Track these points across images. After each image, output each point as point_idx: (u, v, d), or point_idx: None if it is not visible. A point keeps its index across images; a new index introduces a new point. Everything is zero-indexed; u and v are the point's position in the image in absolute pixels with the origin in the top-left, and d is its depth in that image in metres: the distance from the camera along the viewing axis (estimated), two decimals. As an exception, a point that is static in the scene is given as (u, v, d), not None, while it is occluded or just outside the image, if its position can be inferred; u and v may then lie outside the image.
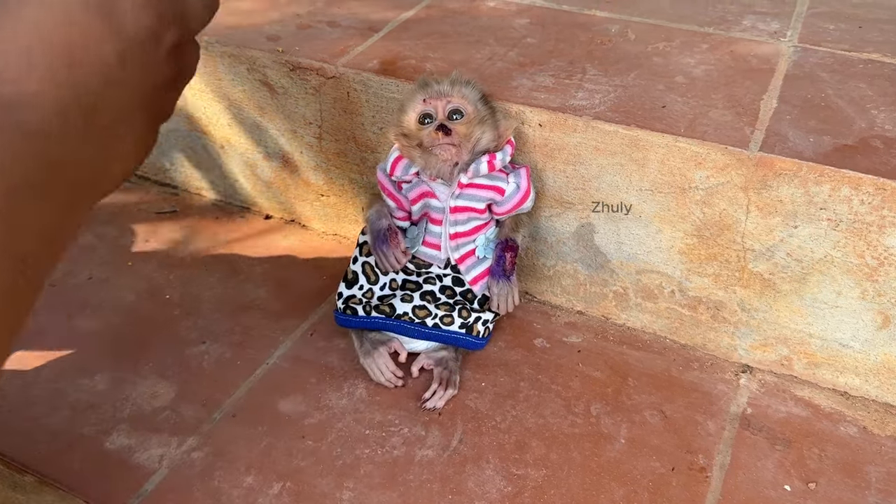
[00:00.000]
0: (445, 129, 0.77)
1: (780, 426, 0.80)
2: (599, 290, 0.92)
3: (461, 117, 0.79)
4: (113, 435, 0.78)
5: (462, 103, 0.79)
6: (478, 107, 0.80)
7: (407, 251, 0.83)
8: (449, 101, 0.79)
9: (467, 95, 0.80)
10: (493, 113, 0.81)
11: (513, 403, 0.82)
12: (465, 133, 0.78)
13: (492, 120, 0.80)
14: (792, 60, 0.93)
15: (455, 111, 0.79)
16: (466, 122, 0.78)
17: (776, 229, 0.79)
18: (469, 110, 0.79)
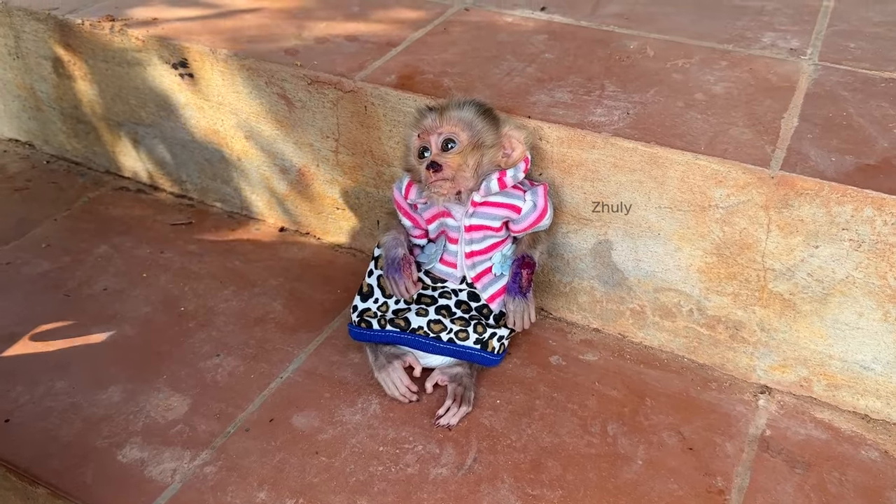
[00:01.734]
0: (435, 167, 0.77)
1: (799, 449, 0.79)
2: (616, 308, 0.91)
3: (455, 145, 0.78)
4: (126, 448, 0.78)
5: (454, 131, 0.78)
6: (474, 129, 0.79)
7: (418, 282, 0.83)
8: (440, 133, 0.79)
9: (463, 119, 0.79)
10: (497, 127, 0.80)
11: (528, 422, 0.81)
12: (459, 163, 0.78)
13: (493, 135, 0.79)
14: (812, 79, 0.92)
15: (448, 141, 0.78)
16: (459, 150, 0.78)
17: (797, 249, 0.78)
18: (463, 137, 0.78)
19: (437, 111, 0.80)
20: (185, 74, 1.05)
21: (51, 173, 1.24)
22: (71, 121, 1.22)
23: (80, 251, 1.06)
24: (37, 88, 1.22)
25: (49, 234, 1.10)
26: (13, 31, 1.18)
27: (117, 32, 1.07)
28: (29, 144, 1.31)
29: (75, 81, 1.17)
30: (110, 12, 1.11)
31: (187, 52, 1.03)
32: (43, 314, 0.95)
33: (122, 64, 1.10)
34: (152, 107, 1.11)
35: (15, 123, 1.31)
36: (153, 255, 1.06)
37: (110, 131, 1.19)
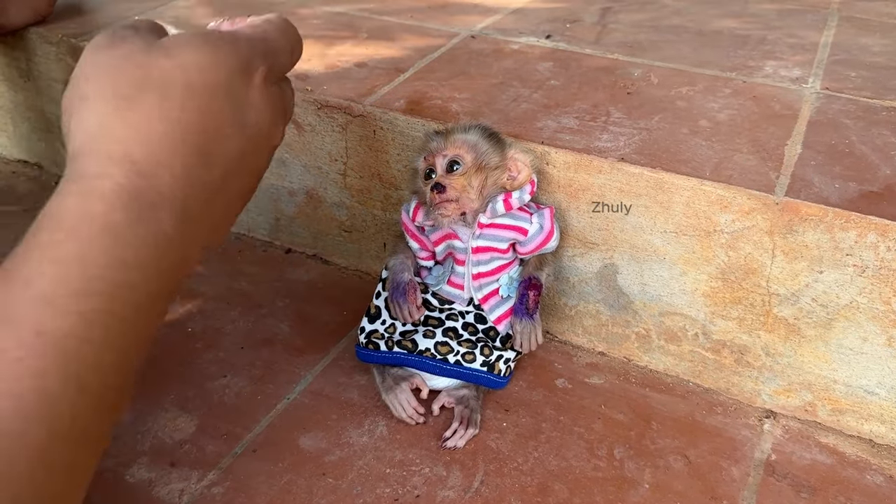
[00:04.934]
0: (440, 188, 0.78)
1: (804, 473, 0.79)
2: (622, 332, 0.91)
3: (459, 167, 0.79)
4: (133, 468, 0.78)
5: (459, 153, 0.79)
6: (479, 151, 0.80)
7: (421, 308, 0.84)
8: (445, 155, 0.80)
9: (467, 142, 0.80)
10: (502, 149, 0.81)
11: (535, 445, 0.82)
12: (464, 184, 0.79)
13: (498, 157, 0.80)
14: (815, 107, 0.94)
15: (453, 163, 0.80)
16: (463, 171, 0.79)
17: (801, 274, 0.78)
18: (467, 159, 0.79)
19: (442, 135, 0.82)
20: (196, 98, 1.06)
21: (59, 194, 1.25)
22: (80, 142, 1.24)
23: (88, 271, 1.07)
24: (47, 110, 1.24)
25: (57, 254, 1.11)
26: (25, 54, 1.20)
27: (129, 56, 1.09)
28: (38, 165, 1.32)
29: (86, 104, 1.18)
30: (122, 36, 1.13)
31: (198, 76, 1.04)
32: (51, 334, 0.96)
33: (134, 87, 1.11)
34: (162, 129, 1.13)
35: (24, 145, 1.32)
36: (161, 275, 1.06)
37: (119, 153, 1.20)
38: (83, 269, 0.35)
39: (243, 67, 0.43)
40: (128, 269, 0.36)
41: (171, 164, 0.39)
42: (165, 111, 0.39)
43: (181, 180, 0.39)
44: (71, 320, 0.34)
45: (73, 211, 0.36)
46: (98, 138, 0.38)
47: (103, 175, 0.37)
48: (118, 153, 0.38)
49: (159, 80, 0.40)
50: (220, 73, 0.42)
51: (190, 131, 0.40)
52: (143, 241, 0.37)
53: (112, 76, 0.40)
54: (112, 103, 0.39)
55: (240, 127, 0.42)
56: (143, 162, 0.38)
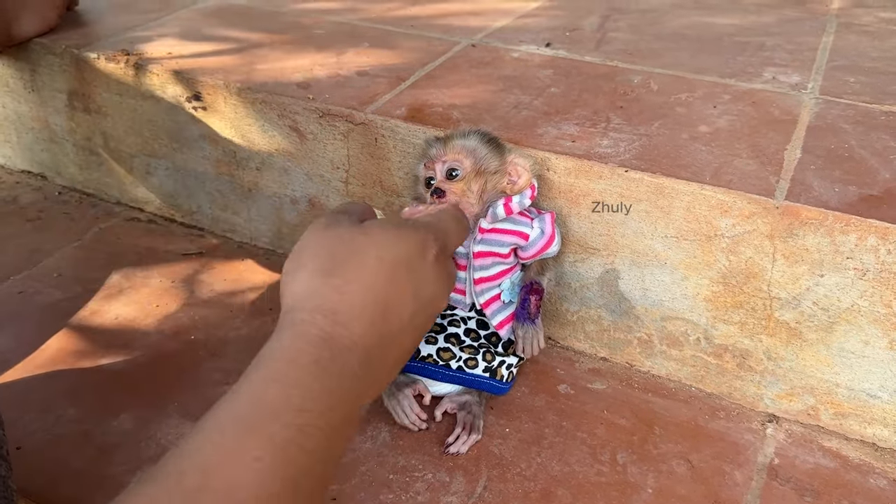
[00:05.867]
0: (439, 192, 0.78)
1: (808, 477, 0.79)
2: (624, 337, 0.92)
3: (458, 173, 0.80)
4: (138, 475, 0.78)
5: (458, 159, 0.80)
6: (477, 156, 0.80)
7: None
8: (444, 162, 0.80)
9: (466, 147, 0.80)
10: (501, 154, 0.81)
11: (538, 450, 0.82)
12: (463, 189, 0.79)
13: (497, 162, 0.81)
14: (814, 112, 0.94)
15: (452, 169, 0.80)
16: (462, 177, 0.79)
17: (802, 278, 0.79)
18: (466, 165, 0.80)
19: (441, 141, 0.82)
20: (199, 107, 1.07)
21: (63, 204, 1.26)
22: (83, 153, 1.24)
23: (92, 280, 1.08)
24: (50, 121, 1.25)
25: (61, 264, 1.11)
26: (29, 65, 1.21)
27: (132, 66, 1.10)
28: (41, 176, 1.33)
29: (89, 114, 1.19)
30: (125, 47, 1.14)
31: (201, 86, 1.05)
32: (54, 343, 0.96)
33: (136, 97, 1.12)
34: (165, 139, 1.14)
35: (28, 155, 1.33)
36: (164, 284, 1.07)
37: (122, 163, 1.21)
38: (301, 391, 0.45)
39: (421, 248, 0.55)
40: (330, 394, 0.46)
41: (361, 319, 0.49)
42: (361, 278, 0.51)
43: (367, 332, 0.49)
44: (292, 431, 0.43)
45: (290, 347, 0.47)
46: (310, 296, 0.50)
47: (312, 323, 0.48)
48: (323, 307, 0.49)
49: (358, 254, 0.52)
50: (403, 251, 0.53)
51: (377, 295, 0.51)
52: (340, 374, 0.47)
53: (324, 251, 0.53)
54: (321, 270, 0.51)
55: (415, 294, 0.53)
56: (342, 315, 0.49)
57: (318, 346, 0.47)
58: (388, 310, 0.51)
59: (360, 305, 0.50)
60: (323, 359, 0.47)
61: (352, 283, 0.50)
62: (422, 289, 0.55)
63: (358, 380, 0.48)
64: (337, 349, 0.47)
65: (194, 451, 0.42)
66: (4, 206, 1.26)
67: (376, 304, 0.51)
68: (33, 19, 1.17)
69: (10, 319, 1.00)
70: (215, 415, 0.44)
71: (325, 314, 0.48)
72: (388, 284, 0.52)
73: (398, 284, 0.52)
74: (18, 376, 0.91)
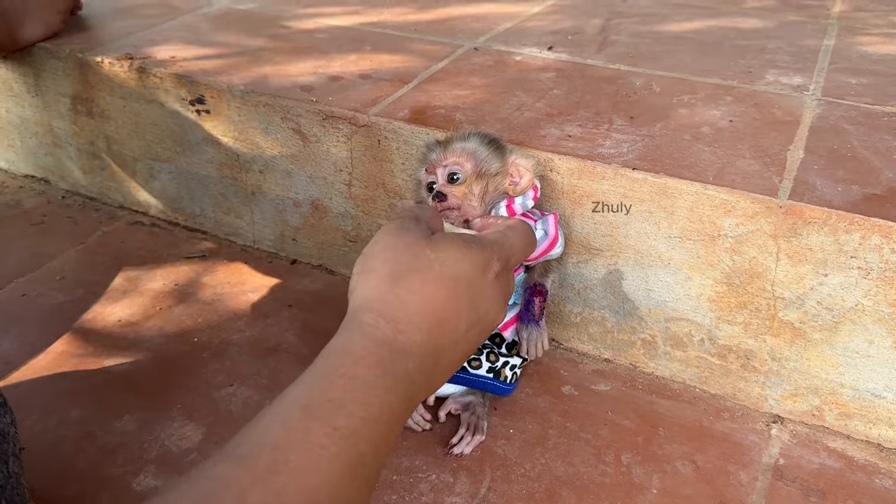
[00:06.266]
0: (441, 197, 0.78)
1: (813, 478, 0.79)
2: (627, 338, 0.91)
3: (460, 176, 0.80)
4: (141, 476, 0.78)
5: (459, 162, 0.80)
6: (478, 158, 0.80)
7: None
8: (445, 166, 0.80)
9: (466, 150, 0.80)
10: (503, 155, 0.81)
11: (542, 451, 0.81)
12: (465, 192, 0.79)
13: (499, 163, 0.80)
14: (816, 113, 0.95)
15: (453, 172, 0.80)
16: (464, 181, 0.79)
17: (806, 277, 0.79)
18: (467, 168, 0.79)
19: (442, 145, 0.82)
20: (203, 111, 1.07)
21: (66, 208, 1.26)
22: (87, 157, 1.25)
23: (95, 283, 1.08)
24: (54, 125, 1.25)
25: (64, 266, 1.12)
26: (33, 69, 1.21)
27: (135, 70, 1.10)
28: (45, 181, 1.33)
29: (93, 118, 1.19)
30: (129, 51, 1.14)
31: (204, 89, 1.05)
32: (57, 345, 0.96)
33: (140, 101, 1.12)
34: (169, 142, 1.14)
35: (31, 160, 1.33)
36: (167, 287, 1.07)
37: (126, 167, 1.21)
38: (365, 386, 0.48)
39: (483, 268, 0.58)
40: (389, 392, 0.49)
41: (420, 329, 0.53)
42: (423, 290, 0.54)
43: (424, 341, 0.53)
44: (356, 422, 0.46)
45: (357, 346, 0.50)
46: (376, 301, 0.54)
47: (377, 327, 0.52)
48: (387, 314, 0.52)
49: (423, 267, 0.55)
50: (465, 270, 0.57)
51: (436, 308, 0.54)
52: (397, 376, 0.50)
53: (393, 259, 0.56)
54: (388, 279, 0.54)
55: (472, 309, 0.57)
56: (403, 323, 0.52)
57: (381, 348, 0.51)
58: (444, 322, 0.55)
59: (418, 316, 0.53)
60: (385, 360, 0.50)
61: (414, 295, 0.54)
62: (479, 305, 0.58)
63: (412, 382, 0.52)
64: (397, 353, 0.51)
65: (264, 434, 0.45)
66: (7, 210, 1.26)
67: (433, 316, 0.54)
68: (37, 24, 1.18)
69: (13, 322, 1.00)
70: (283, 402, 0.47)
71: (388, 320, 0.52)
72: (447, 300, 0.55)
73: (457, 300, 0.56)
74: (22, 378, 0.91)
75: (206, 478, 0.43)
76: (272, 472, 0.43)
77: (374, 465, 0.48)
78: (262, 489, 0.42)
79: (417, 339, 0.53)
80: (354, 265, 0.59)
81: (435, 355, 0.55)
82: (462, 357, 0.60)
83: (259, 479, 0.43)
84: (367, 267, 0.57)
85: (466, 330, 0.57)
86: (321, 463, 0.44)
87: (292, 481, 0.43)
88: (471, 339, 0.59)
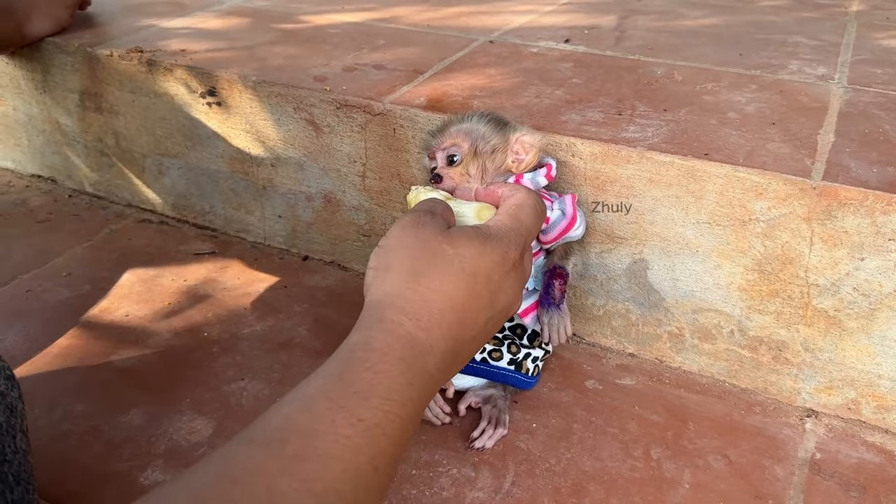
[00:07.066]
0: (437, 179, 0.76)
1: (852, 472, 0.75)
2: (653, 331, 0.88)
3: (458, 157, 0.77)
4: (148, 470, 0.75)
5: (456, 143, 0.77)
6: (473, 136, 0.77)
7: None
8: (444, 149, 0.77)
9: (462, 130, 0.77)
10: (503, 132, 0.78)
11: (567, 445, 0.78)
12: (461, 173, 0.76)
13: (498, 140, 0.77)
14: (844, 99, 0.92)
15: (451, 155, 0.77)
16: (459, 162, 0.76)
17: (841, 262, 0.76)
18: (465, 148, 0.76)
19: (440, 129, 0.79)
20: (213, 103, 1.05)
21: (73, 206, 1.24)
22: (95, 154, 1.22)
23: (102, 279, 1.05)
24: (62, 123, 1.23)
25: (70, 263, 1.09)
26: (41, 65, 1.19)
27: (145, 63, 1.08)
28: (51, 180, 1.31)
29: (101, 114, 1.17)
30: (139, 44, 1.12)
31: (216, 81, 1.03)
32: (63, 340, 0.93)
33: (150, 95, 1.10)
34: (179, 137, 1.11)
35: (38, 159, 1.31)
36: (176, 283, 1.04)
37: (134, 164, 1.19)
38: (388, 381, 0.49)
39: (502, 260, 0.58)
40: (410, 387, 0.49)
41: (441, 326, 0.53)
42: (443, 286, 0.54)
43: (445, 337, 0.53)
44: (379, 415, 0.47)
45: (380, 341, 0.51)
46: (395, 297, 0.53)
47: (398, 323, 0.52)
48: (408, 310, 0.53)
49: (442, 263, 0.55)
50: (485, 265, 0.57)
51: (457, 303, 0.54)
52: (418, 372, 0.51)
53: (410, 254, 0.56)
54: (407, 276, 0.54)
55: (490, 305, 0.57)
56: (424, 320, 0.52)
57: (404, 345, 0.51)
58: (464, 318, 0.55)
59: (440, 314, 0.53)
60: (407, 356, 0.50)
61: (435, 293, 0.54)
62: (498, 298, 0.58)
63: (431, 377, 0.52)
64: (418, 350, 0.51)
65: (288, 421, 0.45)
66: (13, 208, 1.23)
67: (454, 313, 0.54)
68: (45, 20, 1.16)
69: (17, 317, 0.97)
70: (305, 392, 0.47)
71: (409, 317, 0.52)
72: (468, 297, 0.55)
73: (478, 296, 0.56)
74: (25, 373, 0.87)
75: (232, 462, 0.43)
76: (300, 459, 0.43)
77: (393, 459, 0.48)
78: (290, 476, 0.42)
79: (438, 336, 0.53)
80: (369, 260, 0.58)
81: (454, 351, 0.54)
82: (478, 348, 0.60)
83: (287, 466, 0.43)
84: (385, 263, 0.57)
85: (485, 323, 0.57)
86: (346, 453, 0.45)
87: (318, 469, 0.43)
88: (489, 330, 0.59)
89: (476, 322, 0.56)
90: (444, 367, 0.54)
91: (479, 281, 0.56)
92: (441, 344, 0.53)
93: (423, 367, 0.51)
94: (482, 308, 0.56)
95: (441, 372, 0.54)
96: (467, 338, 0.56)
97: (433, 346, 0.52)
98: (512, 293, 0.60)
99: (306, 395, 0.47)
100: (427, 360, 0.52)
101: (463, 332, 0.55)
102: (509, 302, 0.60)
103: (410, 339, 0.51)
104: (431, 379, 0.52)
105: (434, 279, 0.54)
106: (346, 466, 0.44)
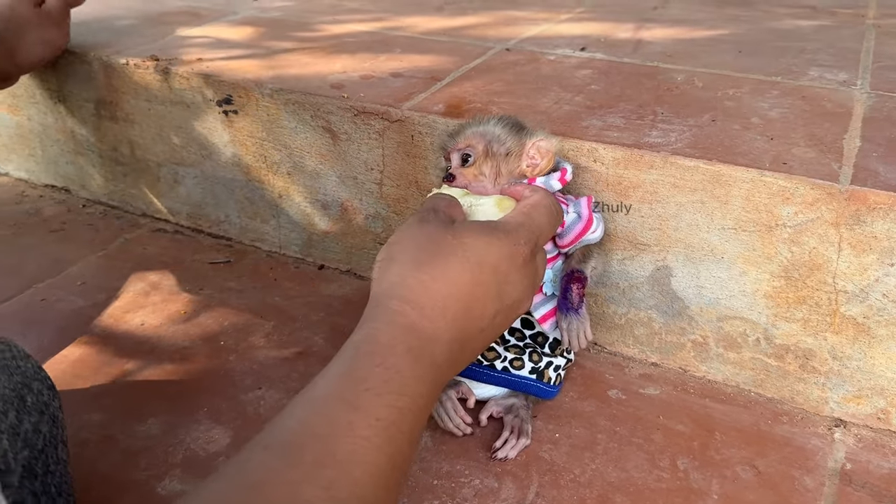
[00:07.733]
0: (450, 178, 0.75)
1: (884, 483, 0.73)
2: (676, 340, 0.87)
3: (472, 158, 0.76)
4: (166, 480, 0.73)
5: (471, 144, 0.76)
6: (487, 138, 0.76)
7: None
8: (459, 150, 0.77)
9: (477, 132, 0.77)
10: (519, 136, 0.77)
11: (591, 456, 0.76)
12: (474, 173, 0.75)
13: (513, 143, 0.76)
14: (868, 105, 0.91)
15: (465, 156, 0.76)
16: (472, 162, 0.75)
17: (871, 268, 0.74)
18: (479, 149, 0.76)
19: (457, 130, 0.79)
20: (230, 111, 1.04)
21: (87, 216, 1.23)
22: (109, 163, 1.22)
23: (116, 289, 1.04)
24: (76, 132, 1.23)
25: (84, 272, 1.08)
26: (56, 76, 1.19)
27: (161, 72, 1.08)
28: (65, 189, 1.31)
29: (116, 123, 1.17)
30: (155, 53, 1.12)
31: (232, 88, 1.03)
32: (77, 349, 0.92)
33: (166, 103, 1.10)
34: (194, 146, 1.11)
35: (52, 169, 1.31)
36: (191, 292, 1.03)
37: (149, 173, 1.18)
38: (398, 376, 0.47)
39: (510, 253, 0.57)
40: (420, 381, 0.48)
41: (445, 315, 0.52)
42: (446, 274, 0.53)
43: (450, 327, 0.52)
44: (394, 412, 0.46)
45: (385, 335, 0.50)
46: (400, 287, 0.53)
47: (402, 314, 0.51)
48: (411, 298, 0.52)
49: (445, 252, 0.54)
50: (491, 256, 0.56)
51: (462, 294, 0.53)
52: (426, 363, 0.49)
53: (414, 247, 0.55)
54: (411, 265, 0.54)
55: (498, 297, 0.56)
56: (427, 309, 0.51)
57: (409, 336, 0.50)
58: (470, 308, 0.54)
59: (443, 301, 0.52)
60: (414, 348, 0.49)
61: (438, 281, 0.53)
62: (507, 292, 0.57)
63: (438, 369, 0.51)
64: (424, 339, 0.50)
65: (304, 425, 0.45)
66: (27, 218, 1.23)
67: (459, 302, 0.53)
68: (37, 46, 1.08)
69: (32, 326, 0.97)
70: (316, 393, 0.47)
71: (413, 306, 0.51)
72: (472, 285, 0.54)
73: (483, 286, 0.55)
74: (40, 382, 0.86)
75: (251, 470, 0.42)
76: (320, 466, 0.42)
77: (409, 456, 0.48)
78: (311, 484, 0.42)
79: (443, 325, 0.52)
80: (377, 257, 0.58)
81: (461, 341, 0.53)
82: (487, 343, 0.59)
83: (308, 474, 0.42)
84: (389, 255, 0.57)
85: (494, 316, 0.56)
86: (366, 455, 0.44)
87: (340, 475, 0.43)
88: (498, 324, 0.58)
89: (484, 314, 0.55)
90: (451, 359, 0.53)
91: (484, 270, 0.55)
92: (447, 333, 0.52)
93: (431, 358, 0.50)
94: (490, 299, 0.55)
95: (449, 363, 0.53)
96: (475, 329, 0.55)
97: (439, 335, 0.52)
98: (522, 288, 0.59)
99: (318, 396, 0.47)
100: (434, 350, 0.51)
101: (470, 322, 0.54)
102: (519, 297, 0.59)
103: (415, 329, 0.51)
104: (439, 370, 0.51)
105: (437, 267, 0.54)
106: (367, 469, 0.44)
